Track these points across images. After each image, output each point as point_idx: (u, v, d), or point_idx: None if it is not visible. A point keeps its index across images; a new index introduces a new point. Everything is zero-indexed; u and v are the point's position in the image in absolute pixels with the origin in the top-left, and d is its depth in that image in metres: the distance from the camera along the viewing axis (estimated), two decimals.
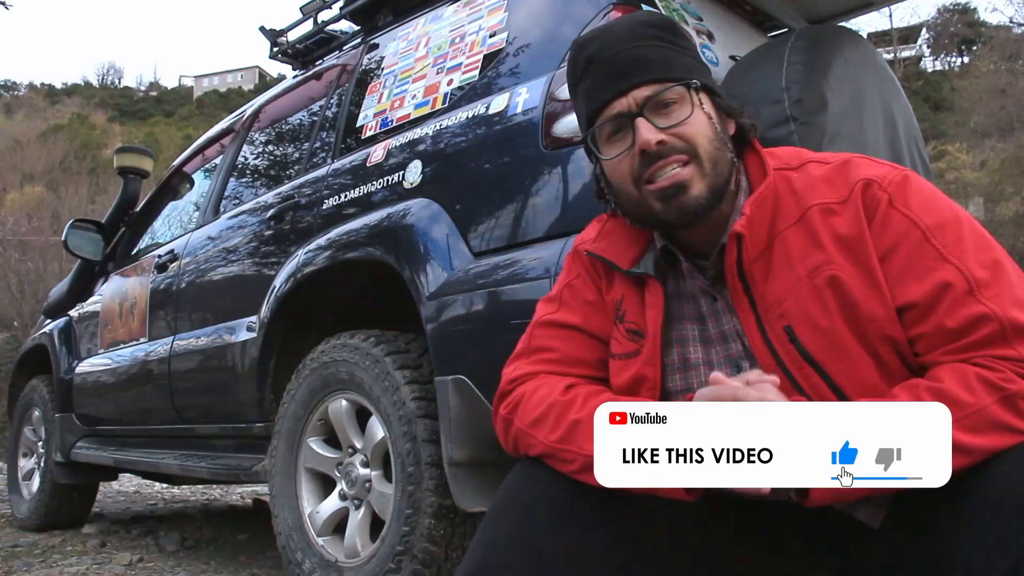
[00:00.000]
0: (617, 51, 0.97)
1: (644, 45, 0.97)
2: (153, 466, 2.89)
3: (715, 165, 0.95)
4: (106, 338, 3.30)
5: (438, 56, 2.07)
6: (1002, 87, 18.56)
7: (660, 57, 0.96)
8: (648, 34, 0.98)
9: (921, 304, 0.87)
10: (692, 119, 0.95)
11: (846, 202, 0.92)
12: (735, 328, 0.97)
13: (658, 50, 0.97)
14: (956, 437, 0.78)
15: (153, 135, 32.31)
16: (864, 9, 2.31)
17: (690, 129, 0.94)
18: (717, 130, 0.96)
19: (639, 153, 0.94)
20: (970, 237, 0.89)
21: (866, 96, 1.67)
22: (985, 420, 0.79)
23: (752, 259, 0.94)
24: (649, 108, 0.94)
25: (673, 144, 0.94)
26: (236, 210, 2.67)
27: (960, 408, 0.79)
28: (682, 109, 0.95)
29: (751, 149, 1.01)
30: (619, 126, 0.96)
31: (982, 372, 0.81)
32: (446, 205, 1.80)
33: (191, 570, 2.64)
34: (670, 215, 0.95)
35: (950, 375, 0.83)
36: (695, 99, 0.96)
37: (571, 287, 1.09)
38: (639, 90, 0.95)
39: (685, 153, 0.94)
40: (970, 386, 0.81)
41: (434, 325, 1.71)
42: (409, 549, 1.70)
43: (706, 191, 0.94)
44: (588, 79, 0.99)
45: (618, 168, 0.98)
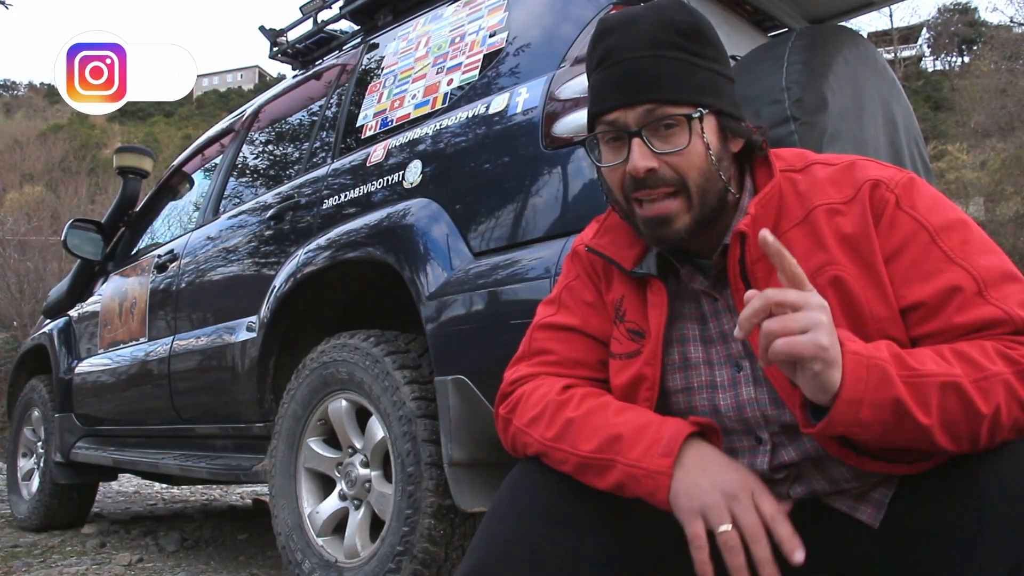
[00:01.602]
0: (633, 56, 0.94)
1: (662, 56, 0.93)
2: (153, 466, 2.88)
3: (703, 197, 0.94)
4: (106, 338, 3.30)
5: (438, 56, 2.07)
6: (1002, 87, 18.55)
7: (674, 73, 0.93)
8: (670, 41, 0.94)
9: (930, 304, 0.87)
10: (688, 150, 0.92)
11: (852, 201, 0.92)
12: (736, 327, 0.97)
13: (674, 64, 0.93)
14: (970, 395, 0.79)
15: (153, 135, 32.32)
16: (864, 9, 2.31)
17: (683, 161, 0.93)
18: (712, 161, 0.94)
19: (628, 173, 0.93)
20: (976, 240, 0.90)
21: (866, 96, 1.67)
22: (1000, 386, 0.80)
23: (755, 259, 0.94)
24: (648, 128, 0.92)
25: (663, 175, 0.92)
26: (236, 210, 2.67)
27: (979, 370, 0.80)
28: (681, 136, 0.93)
29: (762, 156, 1.00)
30: (618, 135, 0.95)
31: (1000, 347, 0.82)
32: (446, 205, 1.80)
33: (191, 570, 2.64)
34: (652, 240, 0.97)
35: (971, 344, 0.83)
36: (697, 128, 0.93)
37: (570, 289, 1.09)
38: (643, 107, 0.93)
39: (673, 185, 0.93)
40: (990, 356, 0.81)
41: (434, 325, 1.71)
42: (409, 549, 1.69)
43: (690, 223, 0.94)
44: (600, 73, 0.96)
45: (611, 176, 0.98)
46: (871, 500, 0.93)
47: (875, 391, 0.77)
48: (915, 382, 0.78)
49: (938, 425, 0.79)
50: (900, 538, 0.90)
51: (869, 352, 0.79)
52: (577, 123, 1.59)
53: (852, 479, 0.93)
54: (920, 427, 0.78)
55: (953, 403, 0.79)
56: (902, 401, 0.77)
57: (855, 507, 0.94)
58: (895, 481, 0.92)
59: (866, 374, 0.77)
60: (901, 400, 0.77)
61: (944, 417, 0.79)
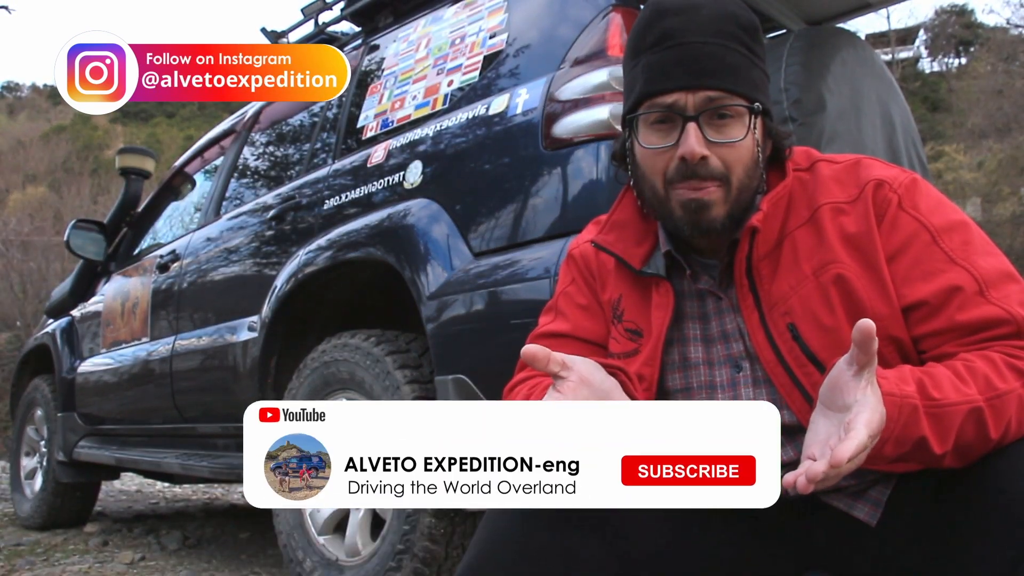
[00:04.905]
0: (697, 39, 0.91)
1: (726, 45, 0.91)
2: (155, 465, 2.89)
3: (741, 193, 0.93)
4: (108, 338, 3.31)
5: (438, 57, 2.08)
6: (999, 88, 18.50)
7: (736, 64, 0.91)
8: (732, 32, 0.92)
9: (931, 303, 0.88)
10: (741, 144, 0.91)
11: (856, 201, 0.93)
12: (738, 327, 0.97)
13: (737, 55, 0.91)
14: (987, 420, 0.78)
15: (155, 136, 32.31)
16: (862, 10, 2.32)
17: (734, 154, 0.91)
18: (758, 160, 0.94)
19: (679, 158, 0.91)
20: (977, 241, 0.90)
21: (864, 97, 1.67)
22: (1014, 402, 0.80)
23: (761, 256, 0.94)
24: (705, 115, 0.90)
25: (713, 167, 0.91)
26: (237, 210, 2.68)
27: (992, 389, 0.80)
28: (736, 128, 0.91)
29: (779, 162, 0.99)
30: (668, 117, 0.92)
31: (1008, 359, 0.82)
32: (446, 205, 1.81)
33: (193, 569, 2.65)
34: (686, 226, 0.94)
35: (979, 358, 0.83)
36: (752, 122, 0.92)
37: (566, 294, 1.08)
38: (705, 92, 0.90)
39: (719, 180, 0.91)
40: (1000, 371, 0.81)
41: (434, 325, 1.72)
42: (410, 548, 1.70)
43: (724, 215, 0.93)
44: (657, 54, 0.92)
45: (653, 159, 0.94)
46: (869, 498, 0.93)
47: (903, 430, 0.77)
48: (937, 413, 0.78)
49: (951, 452, 0.79)
50: (897, 537, 0.90)
51: (901, 390, 0.77)
52: (577, 124, 1.60)
53: (849, 477, 0.93)
54: (933, 455, 0.79)
55: (970, 430, 0.79)
56: (925, 438, 0.78)
57: (852, 505, 0.94)
58: (893, 479, 0.92)
59: (897, 414, 0.77)
60: (924, 437, 0.78)
61: (958, 443, 0.79)
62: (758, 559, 1.00)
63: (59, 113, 33.54)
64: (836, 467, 0.70)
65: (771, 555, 1.00)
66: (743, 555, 1.00)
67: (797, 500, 0.95)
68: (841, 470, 0.71)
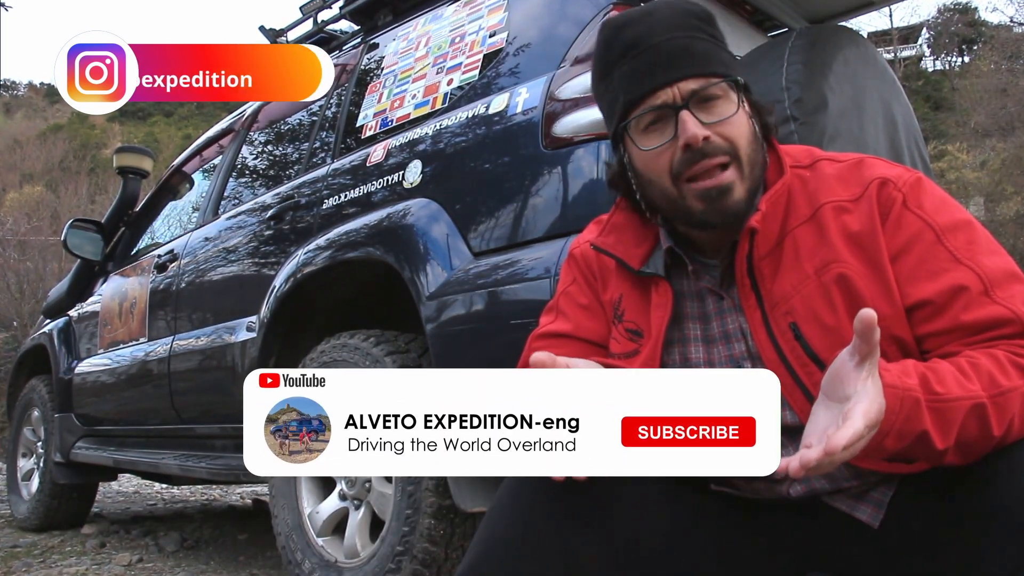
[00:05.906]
0: (663, 38, 0.93)
1: (691, 35, 0.93)
2: (152, 466, 2.89)
3: (753, 168, 0.93)
4: (106, 338, 3.30)
5: (438, 56, 2.07)
6: (1003, 87, 18.53)
7: (706, 50, 0.93)
8: (692, 24, 0.94)
9: (936, 302, 0.87)
10: (735, 118, 0.92)
11: (859, 200, 0.92)
12: (739, 327, 0.97)
13: (702, 43, 0.93)
14: (990, 417, 0.78)
15: (153, 135, 32.29)
16: (864, 9, 2.32)
17: (733, 129, 0.92)
18: (755, 131, 0.94)
19: (683, 148, 0.91)
20: (982, 241, 0.90)
21: (866, 96, 1.67)
22: (1018, 400, 0.80)
23: (762, 255, 0.94)
24: (693, 102, 0.91)
25: (717, 144, 0.91)
26: (236, 210, 2.67)
27: (996, 386, 0.79)
28: (726, 106, 0.92)
29: (769, 146, 1.00)
30: (659, 117, 0.93)
31: (1012, 357, 0.82)
32: (446, 205, 1.80)
33: (190, 570, 2.64)
34: (710, 216, 0.93)
35: (984, 355, 0.83)
36: (738, 97, 0.93)
37: (567, 294, 1.08)
38: (686, 82, 0.91)
39: (727, 154, 0.91)
40: (1004, 368, 0.81)
41: (434, 325, 1.71)
42: (409, 549, 1.70)
43: (745, 195, 0.93)
44: (627, 64, 0.94)
45: (655, 161, 0.94)
46: (871, 499, 0.93)
47: (904, 423, 0.77)
48: (940, 407, 0.78)
49: (952, 448, 0.79)
50: (900, 538, 0.90)
51: (903, 383, 0.77)
52: (577, 123, 1.59)
53: (851, 477, 0.93)
54: (935, 451, 0.79)
55: (973, 426, 0.79)
56: (926, 432, 0.77)
57: (855, 506, 0.94)
58: (895, 480, 0.92)
59: (899, 407, 0.76)
60: (926, 431, 0.77)
61: (960, 439, 0.79)
62: (760, 559, 1.00)
63: (56, 112, 33.54)
64: (830, 454, 0.71)
65: (773, 556, 1.00)
66: (744, 555, 1.00)
67: (799, 501, 0.95)
68: (835, 458, 0.71)
